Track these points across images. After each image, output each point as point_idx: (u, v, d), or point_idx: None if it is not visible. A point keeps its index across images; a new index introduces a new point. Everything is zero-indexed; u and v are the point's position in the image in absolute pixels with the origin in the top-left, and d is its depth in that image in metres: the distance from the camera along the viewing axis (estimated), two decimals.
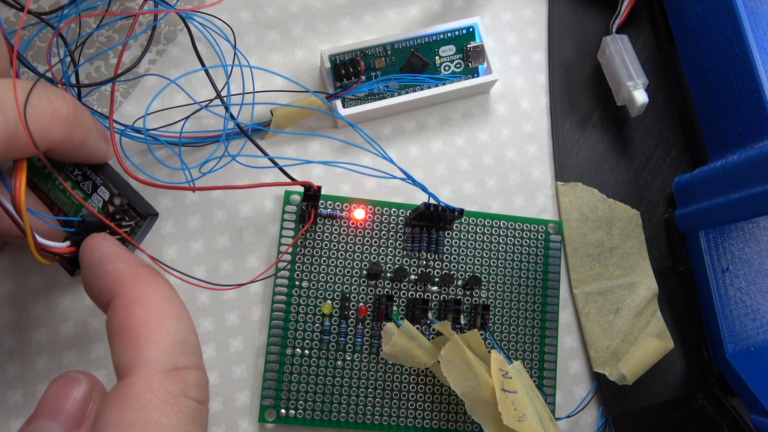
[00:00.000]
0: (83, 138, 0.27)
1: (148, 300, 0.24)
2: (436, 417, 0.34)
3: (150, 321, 0.23)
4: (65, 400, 0.23)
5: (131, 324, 0.23)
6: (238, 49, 0.36)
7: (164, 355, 0.23)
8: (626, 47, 0.37)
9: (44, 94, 0.25)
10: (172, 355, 0.23)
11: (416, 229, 0.35)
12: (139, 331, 0.23)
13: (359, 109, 0.35)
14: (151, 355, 0.22)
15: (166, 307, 0.24)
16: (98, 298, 0.25)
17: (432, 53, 0.36)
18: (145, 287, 0.24)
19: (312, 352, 0.34)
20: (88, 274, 0.25)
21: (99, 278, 0.25)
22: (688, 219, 0.36)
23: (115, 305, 0.24)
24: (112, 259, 0.25)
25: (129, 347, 0.23)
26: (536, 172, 0.38)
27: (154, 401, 0.21)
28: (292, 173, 0.32)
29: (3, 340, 0.32)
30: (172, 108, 0.35)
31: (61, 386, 0.23)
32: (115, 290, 0.24)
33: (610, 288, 0.37)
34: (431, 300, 0.35)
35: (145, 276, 0.25)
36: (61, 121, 0.26)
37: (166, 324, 0.23)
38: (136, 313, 0.23)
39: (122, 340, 0.23)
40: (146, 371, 0.22)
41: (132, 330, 0.23)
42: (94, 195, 0.29)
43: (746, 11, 0.33)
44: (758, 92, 0.32)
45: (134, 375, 0.22)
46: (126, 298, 0.24)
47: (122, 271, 0.25)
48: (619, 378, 0.35)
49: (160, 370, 0.22)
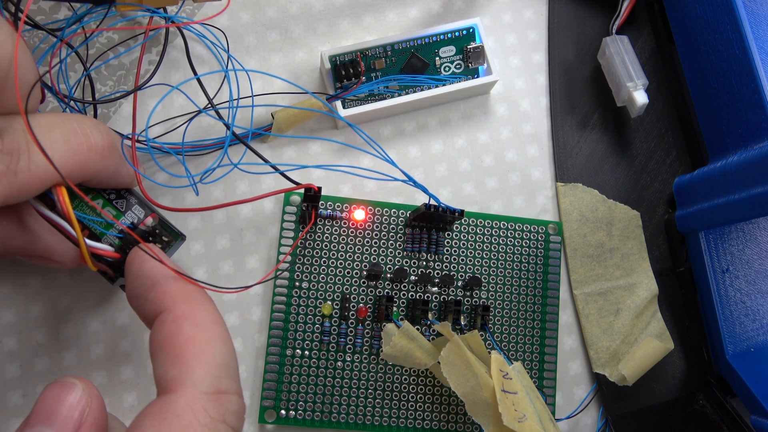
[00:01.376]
0: (117, 167, 0.28)
1: (198, 319, 0.24)
2: (437, 418, 0.34)
3: (198, 340, 0.23)
4: (60, 405, 0.22)
5: (180, 340, 0.23)
6: (233, 55, 0.36)
7: (209, 377, 0.23)
8: (626, 48, 0.37)
9: (80, 129, 0.25)
10: (216, 378, 0.23)
11: (416, 229, 0.35)
12: (187, 349, 0.23)
13: (359, 109, 0.35)
14: (197, 375, 0.23)
15: (215, 329, 0.24)
16: (144, 309, 0.25)
17: (432, 54, 0.36)
18: (195, 306, 0.24)
19: (312, 353, 0.34)
20: (137, 284, 0.25)
21: (149, 289, 0.25)
22: (688, 220, 0.36)
23: (163, 319, 0.24)
24: (163, 272, 0.25)
25: (175, 363, 0.23)
26: (536, 172, 0.38)
27: (194, 424, 0.22)
28: (293, 175, 0.32)
29: (3, 340, 0.32)
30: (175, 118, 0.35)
31: (56, 391, 0.23)
32: (164, 304, 0.24)
33: (610, 289, 0.37)
34: (431, 301, 0.35)
35: (195, 294, 0.25)
36: (97, 154, 0.26)
37: (213, 345, 0.24)
38: (186, 330, 0.24)
39: (168, 354, 0.23)
40: (191, 391, 0.22)
41: (180, 347, 0.23)
42: (129, 212, 0.29)
43: (746, 12, 0.33)
44: (758, 93, 0.32)
45: (178, 393, 0.22)
46: (176, 314, 0.24)
47: (173, 286, 0.25)
48: (619, 379, 0.35)
49: (203, 392, 0.22)
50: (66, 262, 0.28)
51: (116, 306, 0.33)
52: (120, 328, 0.33)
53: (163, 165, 0.34)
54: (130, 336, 0.33)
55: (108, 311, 0.33)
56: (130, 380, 0.33)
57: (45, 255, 0.28)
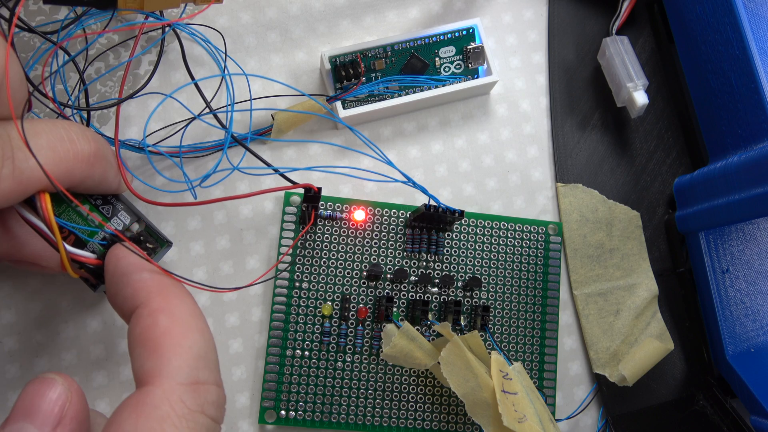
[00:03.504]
0: (103, 174, 0.28)
1: (174, 311, 0.24)
2: (436, 418, 0.34)
3: (175, 332, 0.23)
4: (41, 401, 0.22)
5: (156, 333, 0.23)
6: (232, 57, 0.36)
7: (186, 368, 0.23)
8: (626, 48, 0.37)
9: (66, 136, 0.25)
10: (193, 369, 0.23)
11: (416, 230, 0.35)
12: (163, 341, 0.23)
13: (359, 110, 0.35)
14: (173, 366, 0.23)
15: (191, 320, 0.24)
16: (122, 307, 0.25)
17: (432, 54, 0.36)
18: (170, 298, 0.25)
19: (312, 354, 0.34)
20: (113, 282, 0.25)
21: (124, 286, 0.25)
22: (688, 220, 0.36)
23: (139, 313, 0.24)
24: (138, 268, 0.25)
25: (152, 356, 0.23)
26: (536, 173, 0.38)
27: (171, 415, 0.22)
28: (292, 176, 0.32)
29: (3, 341, 0.32)
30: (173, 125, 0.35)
31: (36, 387, 0.23)
32: (140, 299, 0.24)
33: (611, 289, 0.37)
34: (431, 301, 0.35)
35: (171, 287, 0.25)
36: (83, 162, 0.26)
37: (190, 337, 0.24)
38: (161, 323, 0.24)
39: (145, 348, 0.23)
40: (167, 382, 0.22)
41: (156, 339, 0.23)
42: (114, 219, 0.29)
43: (746, 13, 0.33)
44: (758, 93, 0.32)
45: (155, 385, 0.22)
46: (151, 308, 0.24)
47: (148, 280, 0.25)
48: (619, 379, 0.35)
49: (180, 383, 0.22)
50: (53, 266, 0.28)
51: None
52: (120, 329, 0.33)
53: (164, 167, 0.34)
54: None
55: (108, 311, 0.33)
56: (130, 381, 0.33)
57: (31, 260, 0.28)
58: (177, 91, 0.34)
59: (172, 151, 0.34)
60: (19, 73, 0.25)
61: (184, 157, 0.34)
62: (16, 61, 0.24)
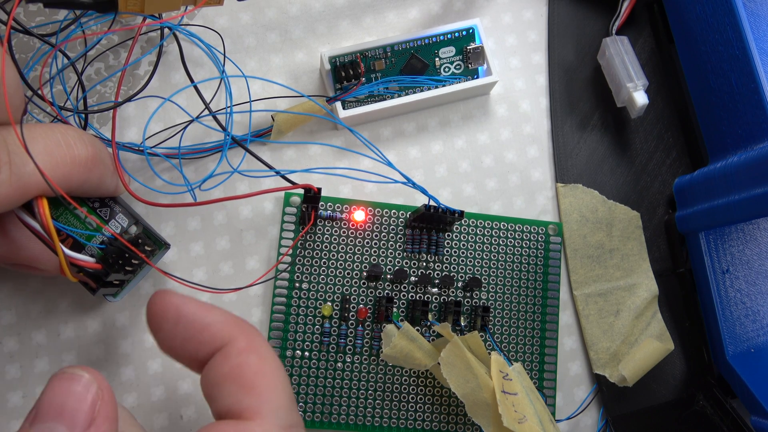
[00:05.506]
0: (101, 178, 0.28)
1: (260, 351, 0.25)
2: (436, 419, 0.34)
3: (267, 372, 0.24)
4: (71, 398, 0.21)
5: (248, 372, 0.24)
6: (232, 58, 0.36)
7: (284, 410, 0.24)
8: (626, 49, 0.37)
9: (63, 140, 0.25)
10: (289, 411, 0.24)
11: (416, 230, 0.35)
12: (258, 380, 0.24)
13: (359, 111, 0.35)
14: (273, 406, 0.24)
15: (276, 360, 0.25)
16: (194, 350, 0.25)
17: (432, 55, 0.36)
18: (252, 338, 0.25)
19: (312, 354, 0.34)
20: (180, 329, 0.25)
21: (199, 331, 0.25)
22: (688, 220, 0.36)
23: (227, 353, 0.24)
24: (207, 311, 0.25)
25: (249, 394, 0.24)
26: (536, 173, 0.38)
27: None
28: (292, 176, 0.32)
29: (3, 342, 0.32)
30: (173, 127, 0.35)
31: (64, 384, 0.21)
32: (222, 339, 0.25)
33: (611, 290, 0.37)
34: (431, 302, 0.35)
35: (247, 326, 0.26)
36: (80, 166, 0.26)
37: (281, 377, 0.25)
38: (252, 362, 0.24)
39: (239, 385, 0.24)
40: (270, 421, 0.23)
41: (251, 378, 0.24)
42: (112, 222, 0.29)
43: (746, 13, 0.33)
44: (758, 94, 0.32)
45: (255, 422, 0.23)
46: (239, 347, 0.25)
47: (226, 322, 0.25)
48: (619, 380, 0.35)
49: (280, 425, 0.23)
50: (51, 270, 0.28)
51: (116, 307, 0.33)
52: (120, 329, 0.33)
53: (164, 169, 0.34)
54: (130, 337, 0.33)
55: (108, 312, 0.33)
56: (130, 381, 0.33)
57: (29, 264, 0.28)
58: (176, 94, 0.34)
59: (172, 153, 0.34)
60: (15, 77, 0.25)
61: (184, 158, 0.34)
62: (13, 66, 0.24)
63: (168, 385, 0.33)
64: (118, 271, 0.28)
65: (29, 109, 0.33)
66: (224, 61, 0.35)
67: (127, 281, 0.30)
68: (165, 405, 0.33)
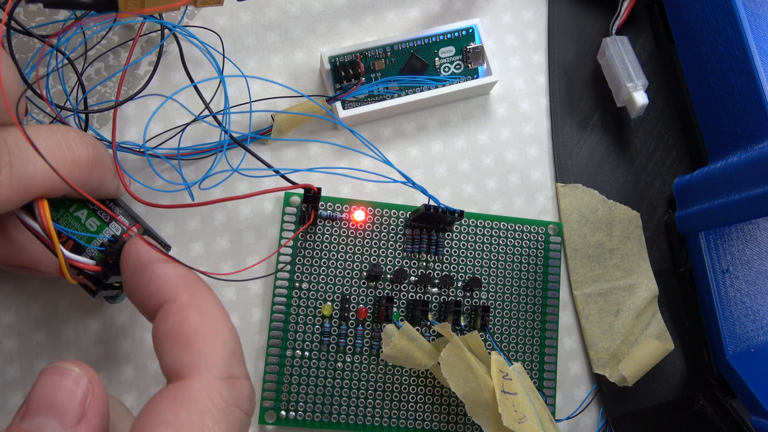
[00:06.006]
0: (102, 179, 0.27)
1: (203, 307, 0.24)
2: (436, 418, 0.34)
3: (207, 328, 0.24)
4: (61, 393, 0.21)
5: (188, 329, 0.24)
6: (232, 59, 0.36)
7: (222, 363, 0.23)
8: (626, 49, 0.37)
9: (64, 141, 0.25)
10: (228, 364, 0.24)
11: (416, 230, 0.35)
12: (197, 337, 0.23)
13: (359, 110, 0.35)
14: (211, 361, 0.23)
15: (220, 316, 0.25)
16: (144, 302, 0.25)
17: (432, 54, 0.36)
18: (198, 294, 0.25)
19: (312, 354, 0.34)
20: (135, 278, 0.25)
21: (148, 282, 0.25)
22: (688, 220, 0.36)
23: (168, 309, 0.24)
24: (161, 263, 0.25)
25: (187, 351, 0.23)
26: (536, 173, 0.38)
27: (210, 408, 0.22)
28: (292, 176, 0.32)
29: (3, 342, 0.32)
30: (172, 129, 0.35)
31: (54, 378, 0.21)
32: (167, 295, 0.25)
33: (610, 289, 0.37)
34: (431, 301, 0.35)
35: (196, 283, 0.25)
36: (80, 168, 0.26)
37: (221, 332, 0.24)
38: (192, 318, 0.24)
39: (178, 342, 0.23)
40: (206, 377, 0.23)
41: (189, 335, 0.23)
42: (113, 223, 0.29)
43: (746, 13, 0.33)
44: (758, 93, 0.32)
45: (193, 379, 0.22)
46: (180, 303, 0.24)
47: (174, 277, 0.25)
48: (619, 379, 0.35)
49: (218, 378, 0.23)
50: (51, 272, 0.28)
51: (116, 307, 0.33)
52: (120, 329, 0.33)
53: (164, 169, 0.34)
54: (130, 337, 0.33)
55: (108, 312, 0.33)
56: (130, 381, 0.33)
57: (29, 265, 0.28)
58: (176, 94, 0.34)
59: (172, 154, 0.34)
60: (16, 77, 0.24)
61: (184, 159, 0.34)
62: (12, 66, 0.24)
63: None
64: (118, 273, 0.28)
65: (29, 110, 0.33)
66: (223, 62, 0.35)
67: None
68: None
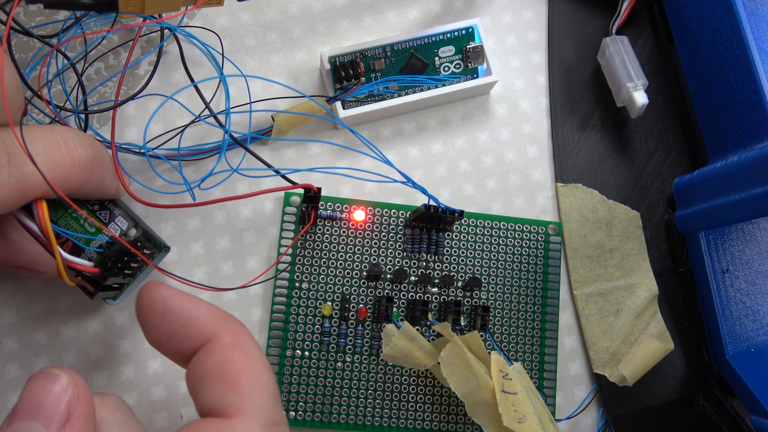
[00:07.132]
0: (101, 180, 0.27)
1: (245, 347, 0.25)
2: (436, 418, 0.34)
3: (251, 369, 0.24)
4: (46, 397, 0.21)
5: (232, 369, 0.24)
6: (232, 59, 0.35)
7: (267, 408, 0.24)
8: (626, 48, 0.37)
9: (63, 142, 0.25)
10: (272, 409, 0.24)
11: (416, 230, 0.35)
12: (241, 377, 0.24)
13: (359, 110, 0.35)
14: (255, 403, 0.23)
15: (261, 356, 0.25)
16: (180, 345, 0.25)
17: (432, 54, 0.36)
18: (238, 334, 0.25)
19: (312, 354, 0.34)
20: (166, 322, 0.25)
21: (185, 325, 0.25)
22: (688, 220, 0.36)
23: (211, 348, 0.24)
24: (193, 305, 0.25)
25: (231, 391, 0.23)
26: (536, 173, 0.38)
27: None
28: (292, 176, 0.32)
29: (3, 341, 0.32)
30: (173, 130, 0.35)
31: (40, 383, 0.22)
32: (207, 335, 0.25)
33: (610, 289, 0.37)
34: (431, 301, 0.35)
35: (232, 321, 0.25)
36: (80, 168, 0.26)
37: (265, 374, 0.24)
38: (236, 358, 0.24)
39: (222, 383, 0.24)
40: (250, 421, 0.23)
41: (234, 375, 0.24)
42: (111, 224, 0.29)
43: (746, 12, 0.33)
44: (758, 93, 0.32)
45: (237, 420, 0.23)
46: (223, 342, 0.24)
47: (210, 317, 0.25)
48: (619, 379, 0.35)
49: (261, 424, 0.23)
50: (50, 273, 0.28)
51: (116, 307, 0.33)
52: (120, 329, 0.33)
53: (165, 169, 0.34)
54: (130, 336, 0.33)
55: (108, 312, 0.33)
56: (130, 381, 0.33)
57: (28, 266, 0.28)
58: (176, 94, 0.34)
59: (171, 155, 0.34)
60: (15, 78, 0.24)
61: (184, 159, 0.34)
62: (12, 67, 0.24)
63: (168, 385, 0.33)
64: (116, 274, 0.28)
65: (29, 110, 0.33)
66: (222, 62, 0.35)
67: (127, 285, 0.30)
68: (165, 405, 0.33)
